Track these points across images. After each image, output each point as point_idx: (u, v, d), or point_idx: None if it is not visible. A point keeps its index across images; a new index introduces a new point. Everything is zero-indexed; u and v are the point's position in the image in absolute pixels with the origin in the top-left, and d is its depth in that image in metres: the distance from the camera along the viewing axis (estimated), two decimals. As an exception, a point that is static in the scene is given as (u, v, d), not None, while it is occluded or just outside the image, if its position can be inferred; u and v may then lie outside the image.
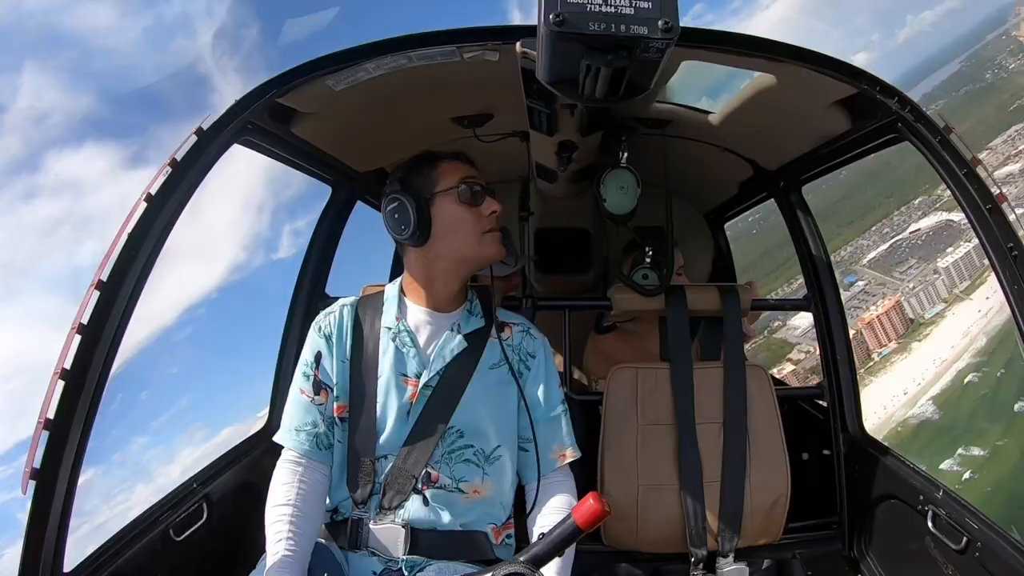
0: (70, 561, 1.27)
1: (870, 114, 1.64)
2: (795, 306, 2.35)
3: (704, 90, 2.15)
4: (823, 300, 2.14)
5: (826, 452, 2.11)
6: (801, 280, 2.27)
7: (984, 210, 1.40)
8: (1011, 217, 1.37)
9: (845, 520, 2.00)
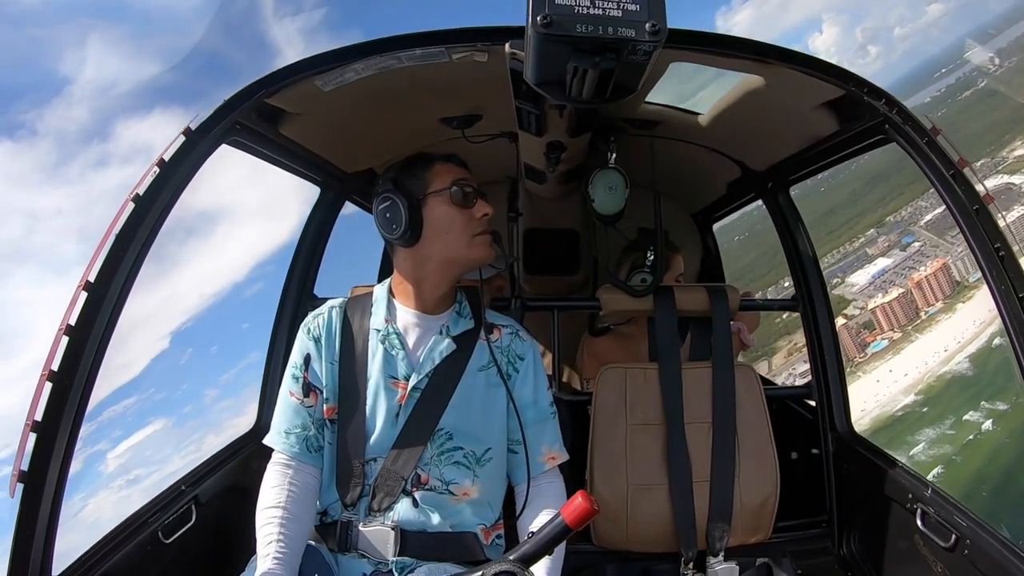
0: (58, 564, 1.26)
1: (858, 116, 1.66)
2: (783, 306, 2.37)
3: (693, 91, 2.16)
4: (811, 300, 2.15)
5: (815, 451, 2.13)
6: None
7: (971, 211, 1.42)
8: (997, 217, 1.39)
9: (834, 519, 2.01)
